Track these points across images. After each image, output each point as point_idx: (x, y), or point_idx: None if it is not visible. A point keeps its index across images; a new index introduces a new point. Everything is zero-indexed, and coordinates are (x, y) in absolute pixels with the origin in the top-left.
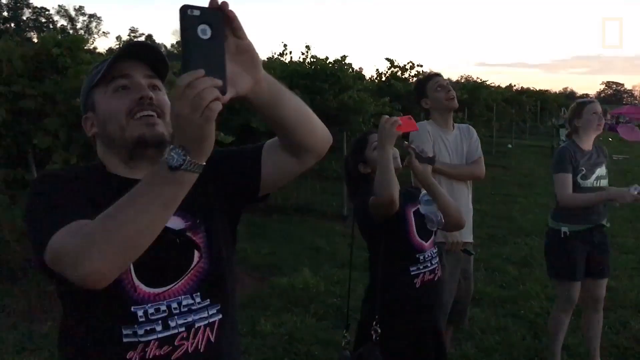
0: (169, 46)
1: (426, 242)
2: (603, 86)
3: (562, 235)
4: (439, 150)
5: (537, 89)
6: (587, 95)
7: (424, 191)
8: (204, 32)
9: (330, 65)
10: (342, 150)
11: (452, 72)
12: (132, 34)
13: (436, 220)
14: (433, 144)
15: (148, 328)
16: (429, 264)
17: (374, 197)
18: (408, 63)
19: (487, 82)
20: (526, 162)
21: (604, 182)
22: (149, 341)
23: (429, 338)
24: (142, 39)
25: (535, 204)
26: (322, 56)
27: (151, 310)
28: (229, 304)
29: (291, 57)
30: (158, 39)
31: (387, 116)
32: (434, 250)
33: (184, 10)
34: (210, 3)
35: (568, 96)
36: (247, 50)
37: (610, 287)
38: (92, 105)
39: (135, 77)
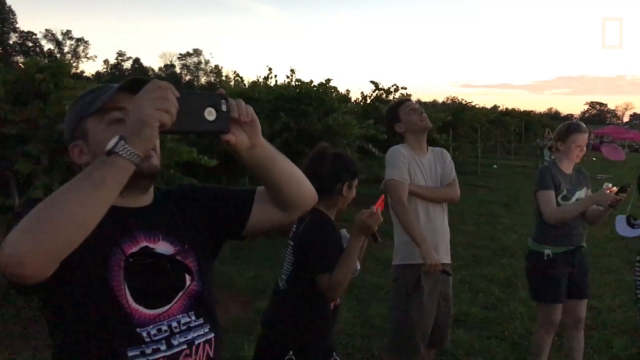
0: (156, 69)
1: None
2: (587, 106)
3: (546, 258)
4: (414, 173)
5: (522, 110)
6: (571, 115)
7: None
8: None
9: (314, 88)
10: None
11: (438, 94)
12: (120, 58)
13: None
14: (408, 167)
15: (154, 347)
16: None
17: (323, 280)
18: (392, 85)
19: (473, 104)
20: (511, 182)
21: None
22: (157, 359)
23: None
24: (130, 62)
25: (519, 224)
26: (306, 79)
27: (153, 332)
28: (217, 323)
29: (276, 81)
30: (145, 62)
31: (368, 210)
32: None
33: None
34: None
35: (552, 117)
36: (252, 120)
37: (593, 307)
38: (83, 134)
39: None
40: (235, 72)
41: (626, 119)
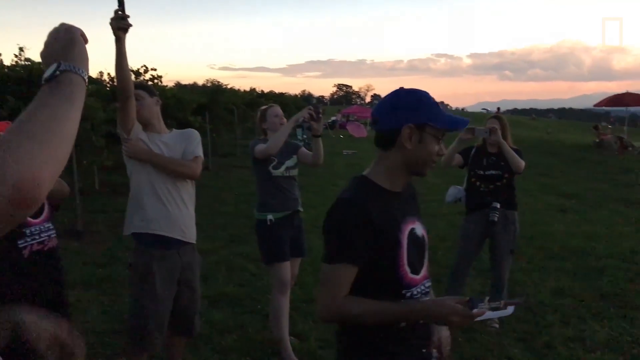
0: None
1: (35, 219)
2: (335, 88)
3: (269, 223)
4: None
5: (278, 92)
6: (322, 97)
7: None
8: None
9: None
10: (72, 164)
11: (198, 77)
12: None
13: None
14: (149, 148)
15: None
16: (37, 237)
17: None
18: (142, 67)
19: (230, 86)
20: None
21: (293, 172)
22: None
23: (49, 294)
24: None
25: None
26: (38, 59)
27: None
28: None
29: (1, 61)
30: None
31: None
32: (47, 225)
33: None
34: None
35: (305, 98)
36: None
37: None
38: None
39: None
40: None
41: (368, 99)
